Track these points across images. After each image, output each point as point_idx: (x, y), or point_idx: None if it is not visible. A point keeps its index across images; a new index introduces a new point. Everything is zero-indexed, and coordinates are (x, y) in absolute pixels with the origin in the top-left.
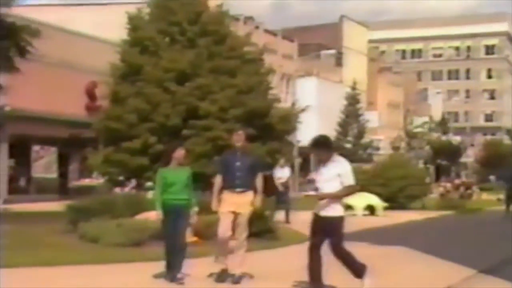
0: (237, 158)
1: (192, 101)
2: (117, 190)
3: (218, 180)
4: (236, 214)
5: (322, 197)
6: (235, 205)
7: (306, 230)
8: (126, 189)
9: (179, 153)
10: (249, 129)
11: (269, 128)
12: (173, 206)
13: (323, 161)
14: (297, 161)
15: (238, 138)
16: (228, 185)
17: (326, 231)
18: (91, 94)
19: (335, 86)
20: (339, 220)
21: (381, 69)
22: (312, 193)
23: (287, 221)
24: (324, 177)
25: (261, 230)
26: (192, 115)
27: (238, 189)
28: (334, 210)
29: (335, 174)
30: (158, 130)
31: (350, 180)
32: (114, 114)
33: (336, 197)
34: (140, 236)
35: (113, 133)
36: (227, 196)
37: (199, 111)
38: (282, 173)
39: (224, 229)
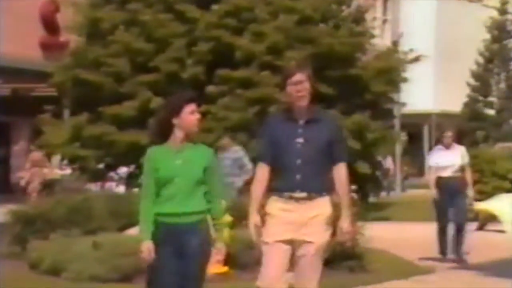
0: (297, 130)
1: (222, 35)
2: (94, 186)
3: (259, 175)
4: (297, 245)
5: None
6: (294, 227)
7: (398, 249)
8: (110, 185)
9: (190, 118)
10: (320, 85)
11: (356, 87)
12: (174, 230)
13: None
14: (402, 139)
15: (301, 88)
16: (280, 185)
17: None
18: (49, 23)
19: (468, 7)
20: None
21: None
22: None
23: None
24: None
25: (338, 256)
26: (222, 60)
27: (299, 193)
28: None
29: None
30: (164, 85)
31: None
32: (90, 57)
33: None
34: (130, 265)
35: (88, 90)
36: (278, 207)
37: (234, 53)
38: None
39: (271, 276)
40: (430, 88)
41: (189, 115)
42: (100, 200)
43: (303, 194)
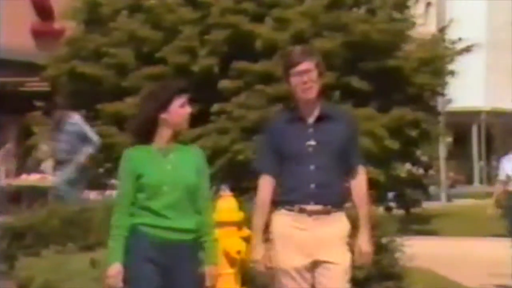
0: (307, 130)
1: (240, 22)
2: (93, 195)
3: (263, 193)
4: (317, 270)
5: None
6: (309, 249)
7: (445, 268)
8: (110, 194)
9: (180, 112)
10: (352, 79)
11: (395, 80)
12: (160, 246)
13: None
14: (447, 141)
15: (308, 79)
16: (289, 197)
17: None
18: (42, 7)
19: None
20: None
21: None
22: None
23: None
24: None
25: (374, 276)
26: (239, 51)
27: (313, 205)
28: None
29: None
30: (172, 79)
31: None
32: (89, 46)
33: None
34: None
35: (86, 85)
36: (287, 224)
37: (253, 42)
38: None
39: None
40: (480, 82)
41: (179, 109)
42: (99, 211)
43: (318, 207)
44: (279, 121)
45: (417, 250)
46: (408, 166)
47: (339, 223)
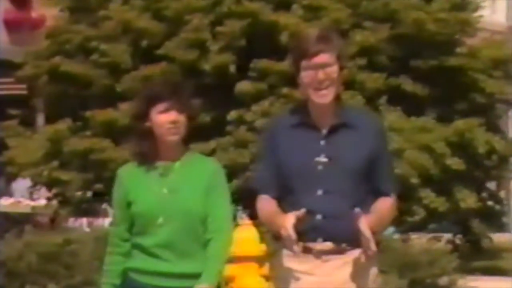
0: (317, 142)
1: (261, 10)
2: (79, 223)
3: (264, 204)
4: None
5: None
6: None
7: None
8: (100, 222)
9: (159, 120)
10: (403, 81)
11: (456, 83)
12: None
13: None
14: None
15: (325, 76)
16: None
17: None
18: None
19: None
20: None
21: None
22: None
23: None
24: None
25: None
26: (260, 46)
27: (321, 243)
28: None
29: None
30: (178, 79)
31: None
32: (74, 40)
33: None
34: None
35: (71, 87)
36: (289, 267)
37: (278, 35)
38: None
39: None
40: None
41: (158, 116)
42: (86, 243)
43: (327, 245)
44: (283, 123)
45: None
46: (472, 190)
47: (359, 266)
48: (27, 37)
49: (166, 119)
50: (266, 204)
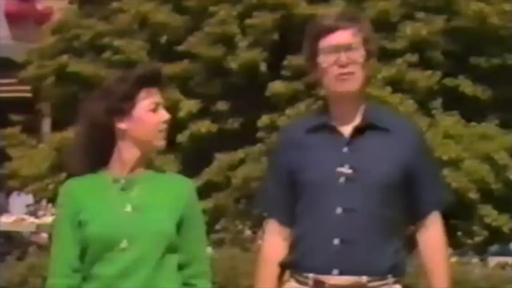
0: (339, 149)
1: (295, 1)
2: None
3: (269, 237)
4: None
5: None
6: None
7: None
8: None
9: (151, 119)
10: (460, 80)
11: None
12: None
13: None
14: None
15: (346, 60)
16: (301, 259)
17: None
18: None
19: None
20: None
21: None
22: None
23: None
24: None
25: None
26: (295, 42)
27: (337, 276)
28: None
29: None
30: (202, 80)
31: None
32: (84, 36)
33: None
34: None
35: (80, 89)
36: None
37: None
38: None
39: None
40: None
41: (148, 114)
42: None
43: (346, 279)
44: (297, 130)
45: None
46: None
47: None
48: (31, 32)
49: (159, 119)
50: (270, 241)
